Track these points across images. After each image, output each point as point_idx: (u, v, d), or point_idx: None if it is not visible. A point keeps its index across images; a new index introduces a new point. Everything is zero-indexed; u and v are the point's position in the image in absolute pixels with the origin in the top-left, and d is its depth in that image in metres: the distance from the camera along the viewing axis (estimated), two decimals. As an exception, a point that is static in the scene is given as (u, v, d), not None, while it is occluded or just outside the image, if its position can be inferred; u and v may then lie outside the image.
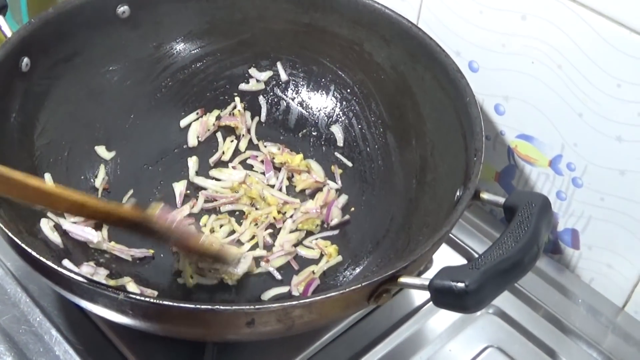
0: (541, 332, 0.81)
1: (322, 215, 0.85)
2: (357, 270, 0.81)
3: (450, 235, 0.88)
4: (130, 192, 0.87)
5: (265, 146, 0.93)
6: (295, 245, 0.84)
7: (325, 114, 0.94)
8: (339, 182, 0.90)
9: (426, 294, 0.61)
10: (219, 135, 0.94)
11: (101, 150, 0.89)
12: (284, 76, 0.94)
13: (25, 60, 0.80)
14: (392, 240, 0.82)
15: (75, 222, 0.80)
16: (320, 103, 0.94)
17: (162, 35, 0.92)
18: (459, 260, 0.86)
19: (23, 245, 0.63)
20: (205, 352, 0.74)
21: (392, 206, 0.85)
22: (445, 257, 0.85)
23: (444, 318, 0.82)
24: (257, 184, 0.88)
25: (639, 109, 0.73)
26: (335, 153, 0.92)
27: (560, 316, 0.82)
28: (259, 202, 0.87)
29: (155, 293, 0.77)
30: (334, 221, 0.85)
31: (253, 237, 0.84)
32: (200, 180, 0.89)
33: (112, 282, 0.77)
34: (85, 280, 0.61)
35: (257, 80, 0.95)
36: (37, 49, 0.81)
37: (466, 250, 0.89)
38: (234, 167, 0.91)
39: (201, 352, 0.74)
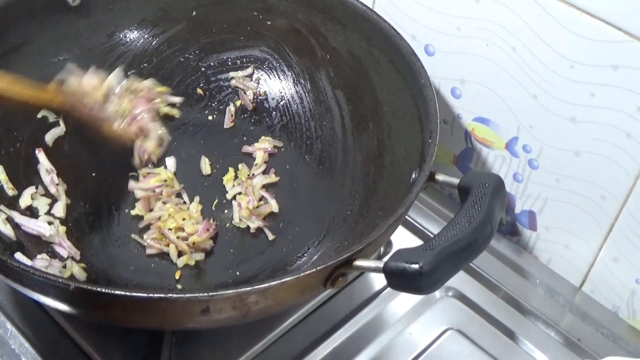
0: (500, 313, 0.82)
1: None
2: (315, 255, 0.81)
3: (410, 219, 0.89)
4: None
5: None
6: None
7: (281, 100, 0.93)
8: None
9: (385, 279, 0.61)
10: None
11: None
12: (239, 63, 0.94)
13: (-28, 50, 0.78)
14: (350, 225, 0.82)
15: (27, 216, 0.79)
16: (277, 89, 0.93)
17: (115, 23, 0.91)
18: (418, 244, 0.86)
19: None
20: (164, 343, 0.74)
21: (351, 191, 0.85)
22: (405, 241, 0.85)
23: (404, 302, 0.82)
24: None
25: (591, 89, 0.73)
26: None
27: (519, 297, 0.83)
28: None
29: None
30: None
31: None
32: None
33: (67, 273, 0.76)
34: (34, 272, 0.60)
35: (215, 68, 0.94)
36: (-15, 39, 0.80)
37: (426, 234, 0.89)
38: None
39: (159, 343, 0.74)
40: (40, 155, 0.84)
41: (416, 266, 0.58)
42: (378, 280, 0.83)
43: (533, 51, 0.76)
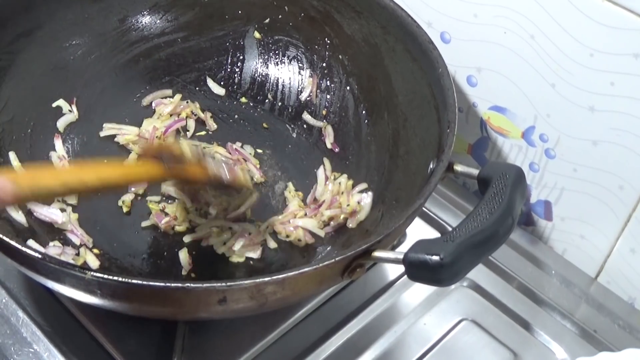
0: (515, 304, 0.81)
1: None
2: (330, 246, 0.80)
3: (424, 209, 0.88)
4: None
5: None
6: None
7: (296, 87, 0.92)
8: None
9: (400, 268, 0.61)
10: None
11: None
12: (252, 50, 0.93)
13: (-16, 34, 0.78)
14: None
15: (39, 203, 0.78)
16: (291, 77, 0.92)
17: (127, 8, 0.90)
18: (433, 234, 0.86)
19: (-15, 226, 0.62)
20: (177, 332, 0.73)
21: (365, 181, 0.84)
22: (419, 231, 0.84)
23: (418, 292, 0.81)
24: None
25: (611, 78, 0.72)
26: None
27: (534, 288, 0.82)
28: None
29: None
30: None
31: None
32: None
33: (80, 261, 0.75)
34: (50, 260, 0.59)
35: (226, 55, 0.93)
36: (-3, 23, 0.79)
37: (440, 224, 0.88)
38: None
39: (173, 332, 0.73)
40: (57, 141, 0.83)
41: (437, 258, 0.57)
42: (392, 271, 0.83)
43: (552, 39, 0.75)
